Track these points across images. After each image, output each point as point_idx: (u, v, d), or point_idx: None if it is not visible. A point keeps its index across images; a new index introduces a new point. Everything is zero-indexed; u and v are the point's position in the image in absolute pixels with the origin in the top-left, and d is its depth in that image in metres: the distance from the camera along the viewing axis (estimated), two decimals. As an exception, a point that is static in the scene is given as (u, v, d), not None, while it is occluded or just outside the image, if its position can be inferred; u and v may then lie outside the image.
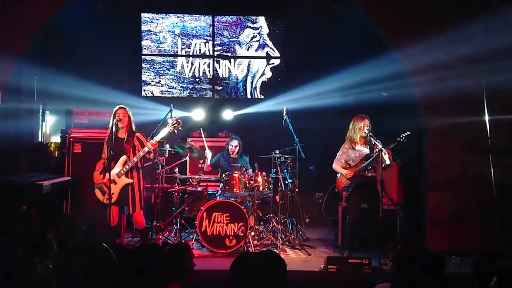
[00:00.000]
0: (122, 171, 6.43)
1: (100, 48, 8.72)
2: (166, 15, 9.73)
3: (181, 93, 9.79)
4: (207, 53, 9.84)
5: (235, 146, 7.95)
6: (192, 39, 9.82)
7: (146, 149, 6.43)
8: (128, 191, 6.48)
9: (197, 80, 9.87)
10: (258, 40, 9.94)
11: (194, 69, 9.86)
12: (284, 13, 9.56)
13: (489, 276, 3.34)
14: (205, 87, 9.89)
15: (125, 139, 6.52)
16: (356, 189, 6.78)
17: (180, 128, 6.76)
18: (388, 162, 6.45)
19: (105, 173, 6.29)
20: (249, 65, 9.96)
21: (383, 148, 6.36)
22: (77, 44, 8.60)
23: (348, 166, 6.85)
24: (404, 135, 6.45)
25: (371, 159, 6.65)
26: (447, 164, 7.31)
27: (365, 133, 6.71)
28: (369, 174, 6.76)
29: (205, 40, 9.86)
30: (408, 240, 7.09)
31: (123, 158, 6.49)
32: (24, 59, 7.38)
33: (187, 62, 9.85)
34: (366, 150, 6.80)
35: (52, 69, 8.08)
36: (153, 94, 9.70)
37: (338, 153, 6.96)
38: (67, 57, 8.61)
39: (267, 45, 9.98)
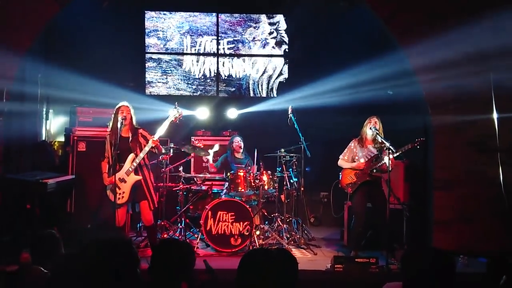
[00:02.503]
0: (130, 169, 6.34)
1: (105, 46, 8.67)
2: (172, 12, 9.49)
3: (190, 94, 9.47)
4: (217, 52, 9.50)
5: (239, 143, 7.92)
6: (202, 37, 9.48)
7: (149, 145, 6.37)
8: (142, 187, 6.39)
9: (207, 80, 9.54)
10: (275, 37, 9.52)
11: (204, 69, 9.53)
12: (289, 11, 9.49)
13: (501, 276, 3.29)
14: (215, 88, 9.53)
15: (130, 138, 6.42)
16: (361, 188, 6.73)
17: (181, 118, 6.69)
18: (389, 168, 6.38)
19: (113, 173, 6.19)
20: (265, 64, 9.57)
21: (390, 147, 6.30)
22: (81, 42, 8.57)
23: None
24: (417, 140, 6.37)
25: (379, 161, 6.61)
26: (454, 163, 7.26)
27: (372, 131, 6.65)
28: (376, 175, 6.71)
29: (215, 37, 9.49)
30: (415, 239, 7.04)
31: (131, 156, 6.39)
32: (28, 57, 7.36)
33: (196, 61, 9.53)
34: (374, 150, 6.75)
35: (56, 67, 8.06)
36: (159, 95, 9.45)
37: (344, 150, 6.92)
38: (71, 55, 8.57)
39: (285, 42, 9.50)
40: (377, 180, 6.75)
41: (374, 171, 6.66)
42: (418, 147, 6.40)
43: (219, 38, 9.54)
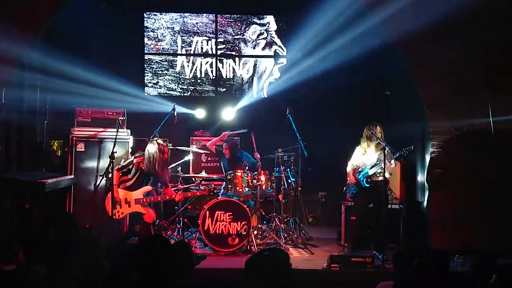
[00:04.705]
0: (141, 201, 6.67)
1: (104, 46, 8.71)
2: (163, 12, 9.41)
3: (181, 95, 9.45)
4: (210, 52, 9.46)
5: (225, 149, 8.02)
6: (193, 37, 9.44)
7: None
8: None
9: (199, 81, 9.51)
10: (265, 38, 9.50)
11: (195, 69, 9.48)
12: (287, 11, 9.46)
13: (491, 275, 3.33)
14: (207, 88, 9.51)
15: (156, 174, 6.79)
16: (360, 193, 6.89)
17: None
18: (387, 175, 6.60)
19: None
20: (255, 64, 9.56)
21: (395, 154, 6.49)
22: (81, 42, 8.58)
23: (358, 170, 6.96)
24: (405, 149, 6.54)
25: (375, 167, 6.75)
26: (450, 163, 7.28)
27: (375, 140, 6.76)
28: (376, 179, 6.82)
29: (207, 38, 9.45)
30: (412, 238, 7.08)
31: (147, 188, 6.76)
32: (27, 57, 7.39)
33: (188, 62, 9.48)
34: (375, 157, 6.83)
35: (55, 67, 8.08)
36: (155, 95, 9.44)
37: (352, 157, 7.07)
38: (70, 55, 8.58)
39: (275, 43, 9.51)
40: (376, 184, 6.84)
41: (377, 173, 6.78)
42: (406, 154, 6.60)
43: (210, 39, 9.49)
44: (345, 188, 7.12)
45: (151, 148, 6.74)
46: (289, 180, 7.64)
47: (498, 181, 7.02)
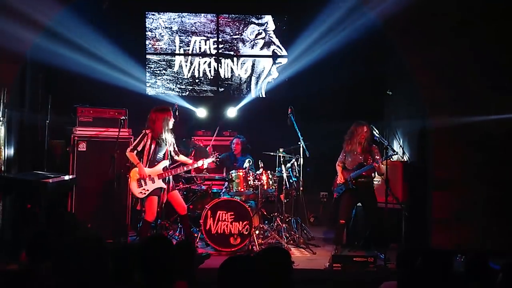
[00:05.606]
0: (163, 176, 6.55)
1: (105, 46, 8.70)
2: (161, 12, 9.40)
3: (179, 95, 9.41)
4: (208, 52, 9.45)
5: (236, 145, 8.08)
6: (191, 37, 9.42)
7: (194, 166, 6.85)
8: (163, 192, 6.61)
9: (197, 81, 9.49)
10: (264, 38, 9.48)
11: (194, 69, 9.47)
12: (285, 10, 9.45)
13: (483, 275, 3.33)
14: (205, 88, 9.50)
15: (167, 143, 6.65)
16: (348, 192, 6.89)
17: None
18: (377, 176, 6.78)
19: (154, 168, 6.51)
20: (253, 64, 9.56)
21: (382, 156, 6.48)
22: (82, 42, 8.58)
23: (344, 168, 6.99)
24: (390, 153, 6.68)
25: (363, 169, 6.75)
26: (452, 163, 7.28)
27: (362, 140, 6.81)
28: (362, 180, 6.84)
29: (205, 38, 9.43)
30: (414, 238, 7.08)
31: (165, 162, 6.61)
32: (29, 57, 7.38)
33: (186, 62, 9.45)
34: (361, 157, 6.85)
35: (57, 67, 8.08)
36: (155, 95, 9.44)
37: (339, 155, 7.07)
38: (72, 55, 8.59)
39: (273, 43, 9.50)
40: (364, 185, 6.86)
41: (359, 179, 6.82)
42: (392, 158, 6.83)
43: (208, 38, 9.47)
44: (333, 187, 7.13)
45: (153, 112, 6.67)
46: (290, 180, 7.65)
47: (500, 181, 7.04)
